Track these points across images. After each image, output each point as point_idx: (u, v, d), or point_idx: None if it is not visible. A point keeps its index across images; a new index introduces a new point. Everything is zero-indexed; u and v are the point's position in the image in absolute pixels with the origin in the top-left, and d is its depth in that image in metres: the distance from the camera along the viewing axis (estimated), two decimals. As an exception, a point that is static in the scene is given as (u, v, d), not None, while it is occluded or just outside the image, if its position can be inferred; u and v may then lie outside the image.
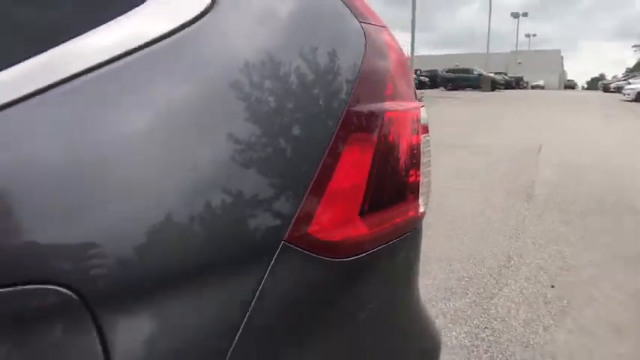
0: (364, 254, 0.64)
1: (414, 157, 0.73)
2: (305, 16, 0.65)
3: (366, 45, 0.67)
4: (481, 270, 3.35)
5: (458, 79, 37.60)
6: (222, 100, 0.54)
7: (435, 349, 0.83)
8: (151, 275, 0.47)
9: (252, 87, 0.56)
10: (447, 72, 39.26)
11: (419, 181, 0.74)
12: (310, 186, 0.58)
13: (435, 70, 42.51)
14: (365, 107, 0.65)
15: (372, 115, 0.66)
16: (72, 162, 0.43)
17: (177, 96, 0.51)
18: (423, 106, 0.80)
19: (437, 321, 2.64)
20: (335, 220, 0.61)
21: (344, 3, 0.68)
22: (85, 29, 0.47)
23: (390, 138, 0.68)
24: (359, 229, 0.63)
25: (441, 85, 38.45)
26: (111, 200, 0.45)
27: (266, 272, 0.53)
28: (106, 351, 0.44)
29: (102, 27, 0.48)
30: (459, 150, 8.29)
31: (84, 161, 0.44)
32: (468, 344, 2.45)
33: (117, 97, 0.47)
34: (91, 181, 0.44)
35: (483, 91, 33.85)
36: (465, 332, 2.55)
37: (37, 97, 0.43)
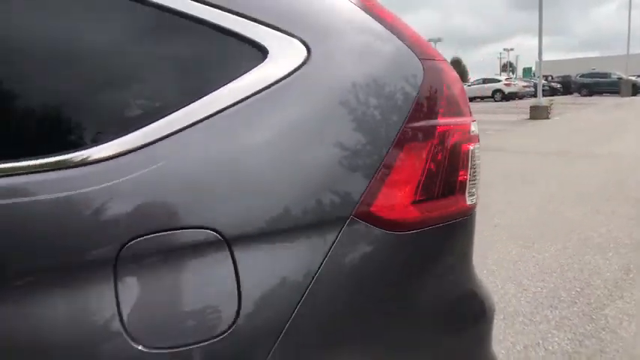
0: (416, 231, 0.87)
1: (463, 161, 0.94)
2: (377, 58, 0.90)
3: (423, 76, 0.91)
4: (595, 281, 3.28)
5: (593, 84, 34.98)
6: (319, 119, 0.81)
7: (490, 310, 1.03)
8: (265, 230, 0.75)
9: (338, 109, 0.83)
10: (580, 77, 36.60)
11: (466, 180, 0.95)
12: (373, 178, 0.82)
13: (569, 76, 40.24)
14: (419, 123, 0.88)
15: (426, 128, 0.89)
16: (225, 160, 0.74)
17: (287, 118, 0.79)
18: (474, 121, 1.01)
19: (540, 327, 2.70)
20: (392, 204, 0.84)
21: (407, 46, 0.92)
22: (234, 77, 0.78)
23: (441, 146, 0.90)
24: (411, 213, 0.86)
25: (575, 91, 36.05)
26: (245, 181, 0.74)
27: (337, 237, 0.79)
28: (237, 276, 0.73)
29: (245, 75, 0.78)
30: (583, 160, 7.85)
31: (230, 159, 0.74)
32: (569, 350, 2.47)
33: (252, 121, 0.77)
34: (233, 170, 0.74)
35: (623, 96, 30.94)
36: (569, 339, 2.57)
37: (207, 121, 0.74)
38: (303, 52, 0.83)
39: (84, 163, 0.69)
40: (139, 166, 0.71)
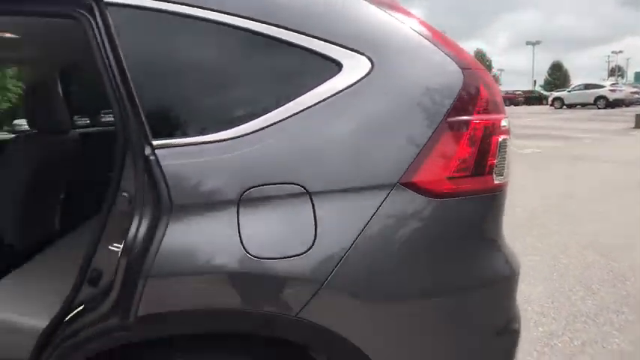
0: (447, 199, 1.17)
1: (493, 149, 1.22)
2: (426, 68, 1.21)
3: (463, 81, 1.20)
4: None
5: None
6: (378, 111, 1.14)
7: (513, 268, 1.29)
8: (335, 188, 1.09)
9: (394, 105, 1.15)
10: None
11: (494, 164, 1.22)
12: (417, 156, 1.13)
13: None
14: (457, 117, 1.17)
15: (462, 122, 1.17)
16: (310, 139, 1.10)
17: (355, 110, 1.13)
18: (506, 117, 1.28)
19: (604, 328, 2.81)
20: (430, 178, 1.14)
21: (450, 58, 1.22)
22: (318, 84, 1.14)
23: (474, 136, 1.19)
24: (445, 185, 1.15)
25: None
26: (322, 154, 1.09)
27: (386, 197, 1.11)
28: (315, 217, 1.07)
29: (325, 82, 1.14)
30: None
31: (313, 139, 1.10)
32: (631, 350, 2.58)
33: (330, 112, 1.12)
34: (315, 145, 1.09)
35: None
36: (630, 340, 2.67)
37: (299, 114, 1.10)
38: (368, 65, 1.16)
39: (230, 138, 1.09)
40: (256, 142, 1.09)
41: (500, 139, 1.24)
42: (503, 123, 1.27)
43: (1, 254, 2.07)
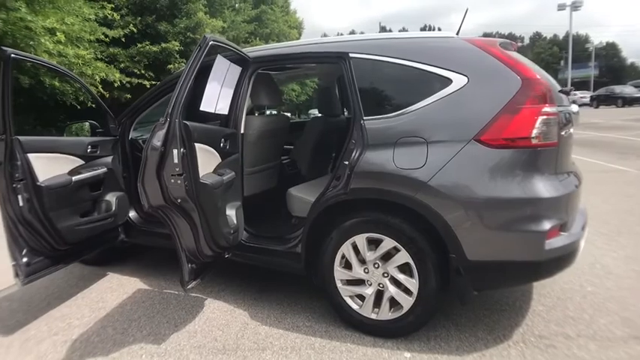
0: (502, 149, 2.29)
1: (533, 123, 2.27)
2: (497, 78, 2.35)
3: (520, 86, 2.31)
4: None
5: None
6: (470, 102, 2.36)
7: (536, 216, 2.33)
8: (438, 139, 2.37)
9: (479, 99, 2.36)
10: None
11: (532, 133, 2.27)
12: (485, 126, 2.28)
13: None
14: (514, 105, 2.27)
15: (516, 108, 2.26)
16: (429, 116, 2.43)
17: (458, 102, 2.38)
18: (550, 106, 2.31)
19: None
20: (492, 137, 2.28)
21: (513, 72, 2.33)
22: (439, 90, 2.42)
23: (523, 117, 2.28)
24: (501, 142, 2.28)
25: None
26: (433, 123, 2.40)
27: (464, 145, 2.31)
28: (427, 154, 2.38)
29: (442, 90, 2.41)
30: None
31: (430, 115, 2.42)
32: None
33: (443, 105, 2.40)
34: (431, 119, 2.43)
35: None
36: None
37: (425, 107, 2.42)
38: (465, 79, 2.39)
39: (394, 116, 2.51)
40: (405, 118, 2.46)
41: (539, 119, 2.29)
42: (545, 109, 2.31)
43: (300, 178, 3.90)
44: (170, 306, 3.22)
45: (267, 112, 4.12)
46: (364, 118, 2.57)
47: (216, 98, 2.67)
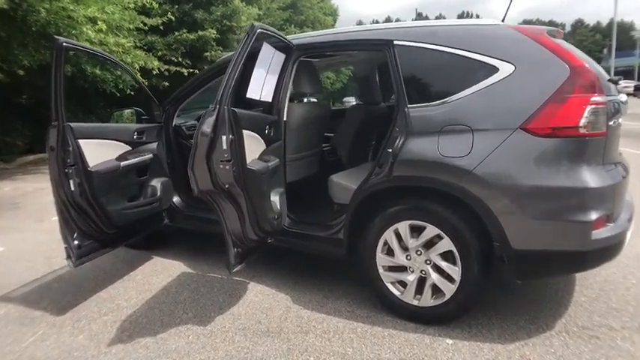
0: (550, 138, 2.26)
1: (581, 113, 2.23)
2: (546, 66, 2.31)
3: (569, 74, 2.26)
4: None
5: None
6: (518, 89, 2.33)
7: (582, 204, 2.29)
8: (484, 128, 2.36)
9: (527, 88, 2.33)
10: None
11: (579, 122, 2.22)
12: (531, 115, 2.26)
13: None
14: (561, 94, 2.24)
15: (564, 97, 2.23)
16: (477, 104, 2.41)
17: (506, 90, 2.35)
18: (598, 95, 2.26)
19: None
20: (539, 126, 2.25)
21: (561, 60, 2.29)
22: (486, 78, 2.40)
23: (570, 105, 2.24)
24: (547, 131, 2.24)
25: None
26: (483, 112, 2.39)
27: (510, 134, 2.28)
28: (472, 142, 2.37)
29: (489, 78, 2.39)
30: None
31: (479, 104, 2.40)
32: None
33: (490, 93, 2.37)
34: (479, 108, 2.39)
35: None
36: None
37: (472, 94, 2.40)
38: (512, 67, 2.36)
39: (439, 104, 2.50)
40: (450, 106, 2.45)
41: (587, 108, 2.25)
42: (594, 99, 2.26)
43: (340, 165, 3.93)
44: (214, 289, 3.32)
45: (305, 100, 4.15)
46: (408, 106, 2.58)
47: (262, 85, 2.72)
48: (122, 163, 3.17)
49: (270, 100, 2.95)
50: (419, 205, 2.59)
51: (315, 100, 5.04)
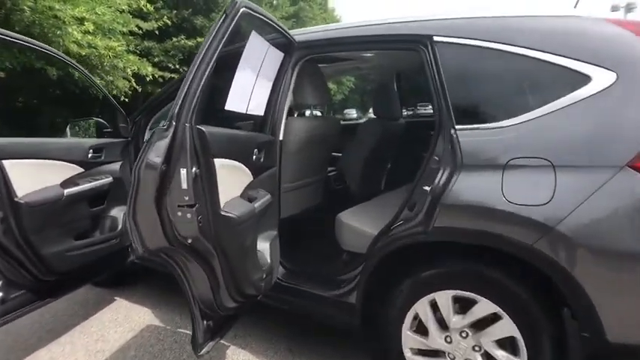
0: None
1: None
2: None
3: None
4: None
5: None
6: (622, 106, 1.58)
7: None
8: (571, 163, 1.59)
9: (632, 108, 1.58)
10: None
11: None
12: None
13: None
14: None
15: None
16: (563, 127, 1.64)
17: (602, 107, 1.60)
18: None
19: None
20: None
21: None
22: (576, 89, 1.65)
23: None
24: None
25: None
26: (568, 143, 1.63)
27: (612, 176, 1.53)
28: (555, 184, 1.61)
29: (580, 89, 1.64)
30: None
31: (564, 133, 1.63)
32: None
33: (581, 110, 1.62)
34: (563, 137, 1.63)
35: None
36: None
37: (562, 109, 1.64)
38: (612, 76, 1.60)
39: (503, 127, 1.73)
40: (522, 129, 1.68)
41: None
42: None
43: (348, 194, 3.17)
44: (183, 354, 2.54)
45: (308, 114, 3.40)
46: (456, 127, 1.82)
47: (249, 93, 1.95)
48: (67, 191, 2.40)
49: (262, 114, 2.19)
50: (469, 269, 1.82)
51: (320, 113, 4.30)
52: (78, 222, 2.53)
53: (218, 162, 1.69)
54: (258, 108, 2.10)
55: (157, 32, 11.95)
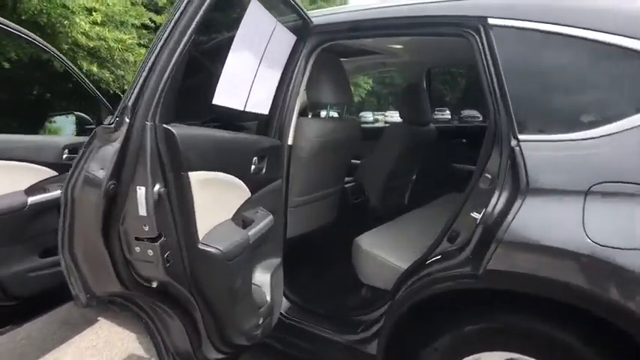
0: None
1: None
2: None
3: None
4: None
5: None
6: None
7: None
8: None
9: None
10: None
11: None
12: None
13: None
14: None
15: None
16: None
17: None
18: None
19: None
20: None
21: None
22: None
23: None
24: None
25: None
26: None
27: None
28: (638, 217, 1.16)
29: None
30: None
31: None
32: None
33: None
34: None
35: None
36: None
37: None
38: None
39: (586, 138, 1.28)
40: (611, 143, 1.23)
41: None
42: None
43: (367, 210, 2.73)
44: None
45: (324, 115, 2.96)
46: (520, 137, 1.36)
47: (249, 84, 1.52)
48: (32, 199, 2.00)
49: (267, 112, 1.76)
50: (528, 327, 1.37)
51: (337, 114, 3.86)
52: (44, 236, 2.11)
53: (197, 176, 1.25)
54: (260, 104, 1.66)
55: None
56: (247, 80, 1.49)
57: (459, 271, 1.42)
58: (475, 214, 1.42)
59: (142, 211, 1.08)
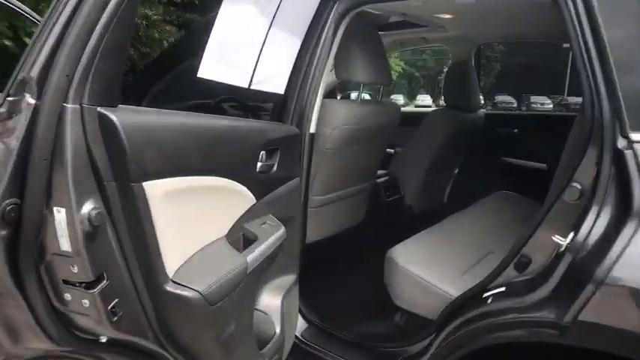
0: None
1: None
2: None
3: None
4: None
5: None
6: None
7: None
8: None
9: None
10: None
11: None
12: None
13: None
14: None
15: None
16: None
17: None
18: None
19: None
20: None
21: None
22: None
23: None
24: None
25: None
26: None
27: None
28: None
29: None
30: None
31: None
32: None
33: None
34: None
35: None
36: None
37: None
38: None
39: None
40: None
41: None
42: None
43: (402, 210, 2.35)
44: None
45: (354, 96, 2.55)
46: (632, 136, 0.95)
47: (254, 54, 1.13)
48: None
49: (282, 92, 1.38)
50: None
51: (369, 96, 3.44)
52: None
53: (161, 186, 0.87)
54: (273, 82, 1.28)
55: (196, 2, 11.38)
56: (252, 47, 1.11)
57: (534, 316, 1.03)
58: (558, 239, 1.03)
59: (65, 244, 0.72)
